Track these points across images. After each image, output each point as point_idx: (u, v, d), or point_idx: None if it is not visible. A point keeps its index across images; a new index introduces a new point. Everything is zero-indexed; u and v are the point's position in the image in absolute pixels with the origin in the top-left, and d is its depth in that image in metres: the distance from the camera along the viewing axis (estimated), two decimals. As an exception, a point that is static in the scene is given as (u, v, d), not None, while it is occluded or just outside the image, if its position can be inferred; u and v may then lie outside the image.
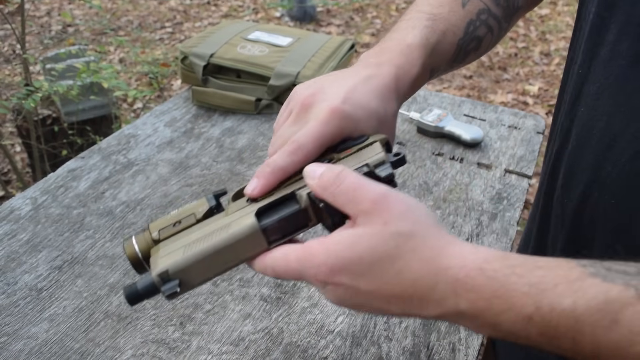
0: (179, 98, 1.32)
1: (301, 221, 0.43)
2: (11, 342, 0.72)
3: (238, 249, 0.41)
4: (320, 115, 0.47)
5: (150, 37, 4.29)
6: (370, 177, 0.41)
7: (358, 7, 4.78)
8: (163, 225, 0.46)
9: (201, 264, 0.41)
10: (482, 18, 0.62)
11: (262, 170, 0.46)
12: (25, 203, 0.96)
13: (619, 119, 0.47)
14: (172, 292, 0.41)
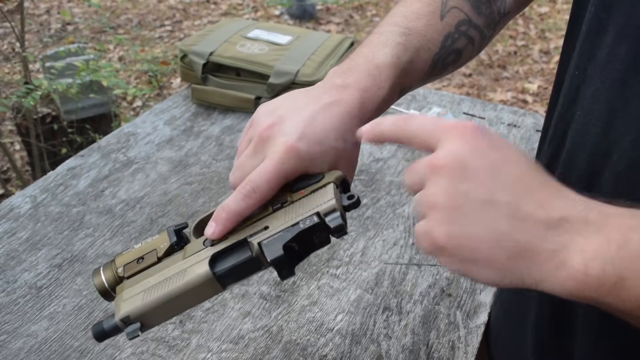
0: (179, 96, 1.32)
1: (253, 267, 0.44)
2: (11, 340, 0.72)
3: (193, 295, 0.44)
4: (276, 153, 0.47)
5: (150, 35, 4.29)
6: (320, 228, 0.42)
7: (357, 5, 4.78)
8: (127, 261, 0.49)
9: (159, 309, 0.44)
10: (462, 29, 0.60)
11: (218, 216, 0.46)
12: (24, 201, 0.96)
13: (617, 126, 0.45)
14: (134, 335, 0.44)
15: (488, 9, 0.63)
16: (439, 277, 0.83)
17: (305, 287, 0.81)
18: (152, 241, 0.50)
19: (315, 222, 0.42)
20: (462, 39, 0.60)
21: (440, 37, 0.58)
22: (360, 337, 0.74)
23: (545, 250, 0.34)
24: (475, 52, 0.64)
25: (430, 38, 0.57)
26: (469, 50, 0.62)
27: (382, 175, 1.05)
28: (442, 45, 0.58)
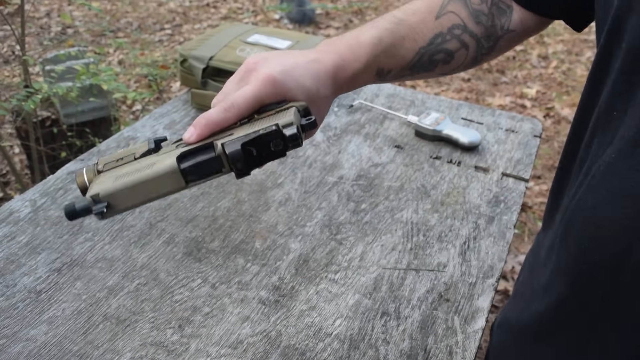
0: (178, 101, 1.32)
1: (215, 166, 0.49)
2: (10, 345, 0.72)
3: (158, 184, 0.48)
4: (257, 80, 0.53)
5: (150, 39, 4.29)
6: (277, 135, 0.47)
7: (357, 10, 4.79)
8: (108, 161, 0.54)
9: (125, 192, 0.48)
10: (455, 33, 0.63)
11: (198, 122, 0.51)
12: (24, 205, 0.96)
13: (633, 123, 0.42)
14: (100, 212, 0.47)
15: (489, 20, 0.65)
16: (437, 282, 0.84)
17: (303, 292, 0.82)
18: (133, 147, 0.55)
19: (273, 130, 0.47)
20: (454, 42, 0.63)
21: (430, 34, 0.62)
22: (358, 342, 0.74)
23: None
24: (470, 59, 0.66)
25: (419, 32, 0.62)
26: (461, 54, 0.64)
27: (380, 181, 1.05)
28: (430, 42, 0.62)
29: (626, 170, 0.44)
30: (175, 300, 0.80)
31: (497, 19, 0.65)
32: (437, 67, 0.64)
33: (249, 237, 0.91)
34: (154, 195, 0.49)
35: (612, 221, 0.46)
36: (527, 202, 2.42)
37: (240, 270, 0.85)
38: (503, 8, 0.66)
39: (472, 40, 0.64)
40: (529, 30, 0.68)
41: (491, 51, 0.67)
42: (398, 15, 0.62)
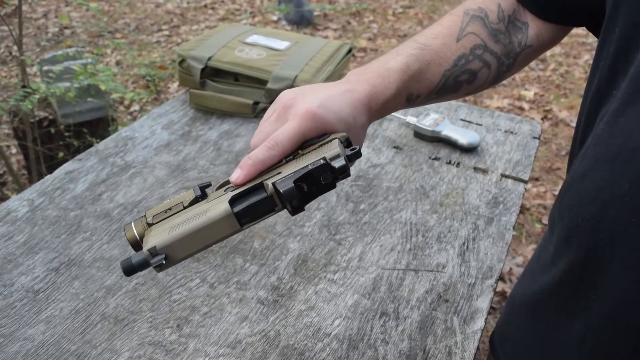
0: (177, 101, 1.32)
1: (268, 206, 0.49)
2: (7, 344, 0.72)
3: (214, 230, 0.48)
4: (297, 115, 0.53)
5: (147, 39, 4.29)
6: (327, 169, 0.47)
7: (355, 12, 4.80)
8: (157, 212, 0.54)
9: (182, 242, 0.48)
10: (477, 53, 0.65)
11: (244, 163, 0.52)
12: (22, 205, 0.96)
13: (637, 135, 0.46)
14: (159, 264, 0.47)
15: (507, 38, 0.67)
16: (435, 283, 0.84)
17: (302, 292, 0.81)
18: (179, 196, 0.56)
19: (322, 164, 0.47)
20: (477, 62, 0.65)
21: (454, 56, 0.64)
22: (357, 342, 0.74)
23: None
24: (492, 77, 0.67)
25: (443, 55, 0.63)
26: (484, 73, 0.66)
27: (379, 181, 1.05)
28: (455, 64, 0.63)
29: (608, 137, 0.49)
30: (173, 300, 0.79)
31: (514, 37, 0.67)
32: (461, 88, 0.65)
33: (247, 237, 0.91)
34: (210, 241, 0.49)
35: (594, 185, 0.51)
36: (525, 204, 2.42)
37: (238, 270, 0.85)
38: (519, 25, 0.68)
39: (493, 59, 0.66)
40: (545, 43, 0.69)
41: (511, 67, 0.68)
42: (421, 40, 0.64)
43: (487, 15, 0.67)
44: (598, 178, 0.50)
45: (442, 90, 0.64)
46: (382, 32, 4.43)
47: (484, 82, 0.67)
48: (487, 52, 0.65)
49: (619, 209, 0.48)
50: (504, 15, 0.67)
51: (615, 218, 0.48)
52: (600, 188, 0.50)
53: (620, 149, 0.48)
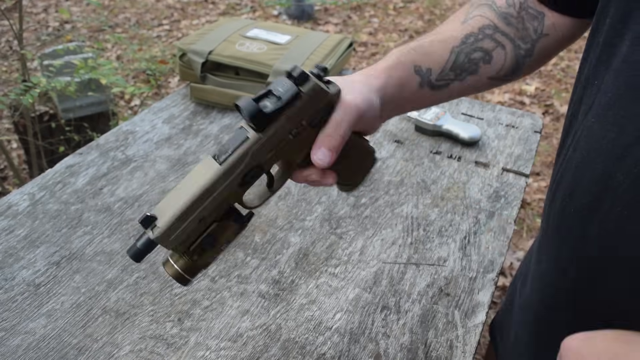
0: (177, 95, 1.32)
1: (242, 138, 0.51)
2: (9, 338, 0.72)
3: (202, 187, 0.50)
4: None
5: (148, 34, 4.28)
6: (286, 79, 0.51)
7: (355, 6, 4.78)
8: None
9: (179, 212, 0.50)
10: (486, 32, 0.65)
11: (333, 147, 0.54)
12: (23, 199, 0.96)
13: (632, 129, 0.47)
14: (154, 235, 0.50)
15: (520, 23, 0.66)
16: (437, 277, 0.84)
17: (303, 286, 0.81)
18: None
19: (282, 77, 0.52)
20: (488, 40, 0.65)
21: (460, 34, 0.64)
22: (358, 336, 0.74)
23: None
24: (511, 61, 0.66)
25: (448, 34, 0.64)
26: (499, 54, 0.65)
27: (380, 175, 1.05)
28: (463, 41, 0.64)
29: (599, 131, 0.50)
30: (174, 294, 0.79)
31: (528, 23, 0.66)
32: (479, 68, 0.65)
33: (248, 230, 0.91)
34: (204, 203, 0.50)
35: (587, 177, 0.51)
36: (526, 199, 2.42)
37: (239, 264, 0.85)
38: (533, 13, 0.67)
39: (507, 40, 0.65)
40: (564, 37, 0.68)
41: (531, 54, 0.67)
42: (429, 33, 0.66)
43: (494, 1, 0.67)
44: (591, 170, 0.51)
45: (457, 68, 0.64)
46: (383, 26, 4.42)
47: (503, 65, 0.66)
48: (498, 33, 0.65)
49: (612, 201, 0.48)
50: (514, 2, 0.66)
51: (608, 210, 0.49)
52: (594, 180, 0.50)
53: (614, 144, 0.48)
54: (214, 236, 0.53)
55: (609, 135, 0.49)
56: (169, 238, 0.50)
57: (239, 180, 0.51)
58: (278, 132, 0.51)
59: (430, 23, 4.46)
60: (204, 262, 0.54)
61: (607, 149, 0.49)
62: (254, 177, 0.52)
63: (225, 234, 0.54)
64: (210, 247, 0.53)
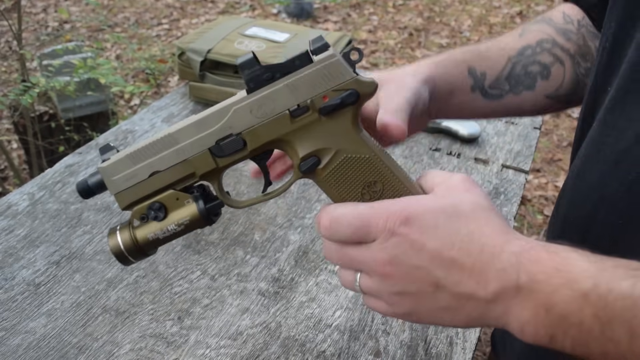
0: (176, 94, 1.32)
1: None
2: (9, 337, 0.72)
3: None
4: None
5: (147, 33, 4.28)
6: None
7: (355, 4, 4.78)
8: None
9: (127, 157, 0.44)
10: (545, 46, 0.62)
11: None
12: (22, 198, 0.96)
13: (629, 135, 0.46)
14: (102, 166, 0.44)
15: (580, 39, 0.64)
16: (437, 274, 0.83)
17: (303, 284, 0.81)
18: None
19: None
20: (546, 54, 0.62)
21: (517, 45, 0.62)
22: (358, 333, 0.74)
23: (491, 317, 0.40)
24: (570, 78, 0.63)
25: (505, 45, 0.62)
26: (558, 70, 0.62)
27: (380, 172, 1.05)
28: (520, 52, 0.62)
29: (599, 136, 0.49)
30: (174, 292, 0.79)
31: (589, 41, 0.64)
32: (536, 83, 0.62)
33: (248, 229, 0.91)
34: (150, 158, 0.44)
35: (587, 185, 0.50)
36: (526, 195, 2.42)
37: (239, 262, 0.85)
38: (594, 32, 0.64)
39: (566, 56, 0.63)
40: None
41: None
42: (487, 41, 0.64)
43: (551, 18, 0.65)
44: (590, 178, 0.50)
45: (512, 79, 0.61)
46: (383, 24, 4.41)
47: (562, 82, 0.63)
48: (557, 47, 0.62)
49: (608, 211, 0.48)
50: (572, 19, 0.64)
51: (604, 220, 0.48)
52: (592, 188, 0.50)
53: (612, 149, 0.47)
54: (164, 206, 0.44)
55: (608, 141, 0.48)
56: (112, 176, 0.43)
57: (212, 144, 0.43)
58: (270, 99, 0.42)
59: (430, 20, 4.45)
60: (144, 237, 0.44)
61: (605, 155, 0.48)
62: (233, 146, 0.43)
63: (178, 211, 0.44)
64: (154, 219, 0.44)
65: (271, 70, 0.42)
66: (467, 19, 4.46)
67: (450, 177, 0.42)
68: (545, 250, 0.37)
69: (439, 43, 4.06)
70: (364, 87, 0.41)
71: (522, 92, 0.61)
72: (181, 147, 0.43)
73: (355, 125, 0.42)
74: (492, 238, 0.38)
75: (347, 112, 0.42)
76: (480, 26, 4.34)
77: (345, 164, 0.43)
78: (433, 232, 0.39)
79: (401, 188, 0.43)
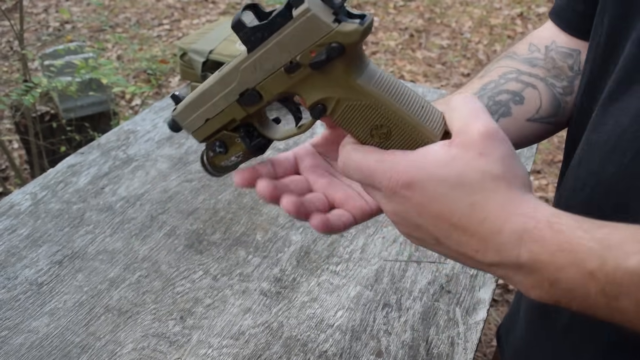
0: (178, 94, 1.32)
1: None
2: (12, 336, 0.72)
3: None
4: None
5: (148, 34, 4.28)
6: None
7: (356, 5, 4.78)
8: None
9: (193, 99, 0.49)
10: (509, 77, 0.61)
11: None
12: (25, 198, 0.96)
13: (624, 120, 0.46)
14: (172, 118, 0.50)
15: (549, 63, 0.63)
16: (438, 274, 0.84)
17: (305, 284, 0.82)
18: None
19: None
20: (513, 83, 0.61)
21: (478, 85, 0.61)
22: (360, 333, 0.74)
23: (495, 274, 0.40)
24: (549, 99, 0.62)
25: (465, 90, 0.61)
26: (531, 93, 0.61)
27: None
28: (482, 88, 0.60)
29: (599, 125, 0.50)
30: (176, 292, 0.80)
31: (560, 62, 0.63)
32: (511, 109, 0.60)
33: (250, 229, 0.91)
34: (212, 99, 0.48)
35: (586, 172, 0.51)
36: (526, 197, 2.42)
37: (241, 262, 0.85)
38: (566, 52, 0.64)
39: (536, 80, 0.62)
40: None
41: (570, 91, 0.63)
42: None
43: (515, 52, 0.64)
44: (589, 165, 0.51)
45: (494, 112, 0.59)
46: (384, 25, 4.42)
47: (540, 105, 0.61)
48: (524, 75, 0.61)
49: (605, 195, 0.48)
50: (537, 47, 0.64)
51: (602, 204, 0.49)
52: (591, 174, 0.50)
53: (609, 135, 0.48)
54: (224, 142, 0.50)
55: (605, 129, 0.49)
56: (183, 122, 0.50)
57: (237, 97, 0.46)
58: (265, 58, 0.43)
59: (431, 22, 4.46)
60: (218, 163, 0.52)
61: (603, 141, 0.49)
62: (252, 99, 0.46)
63: (234, 147, 0.50)
64: (220, 152, 0.50)
65: (260, 30, 0.42)
66: (468, 21, 4.47)
67: (470, 126, 0.39)
68: (549, 228, 0.36)
69: (440, 44, 4.06)
70: (346, 38, 0.40)
71: (499, 120, 0.59)
72: (216, 101, 0.47)
73: (351, 74, 0.42)
74: (495, 211, 0.38)
75: (337, 64, 0.41)
76: (481, 27, 4.34)
77: (348, 110, 0.44)
78: (434, 199, 0.39)
79: (410, 132, 0.43)
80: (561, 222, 0.36)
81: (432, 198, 0.39)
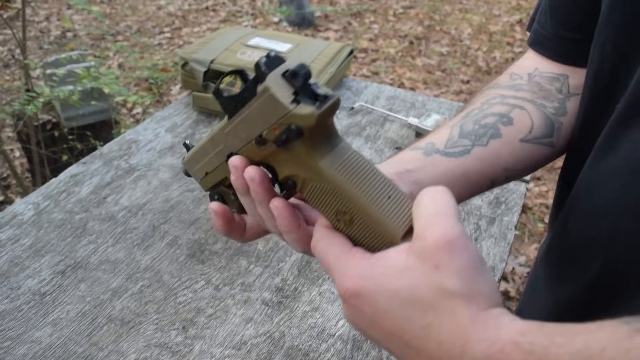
0: (180, 104, 1.33)
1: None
2: (15, 347, 0.73)
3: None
4: None
5: (149, 42, 4.30)
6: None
7: (356, 13, 4.81)
8: None
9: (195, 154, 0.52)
10: (493, 102, 0.59)
11: None
12: (27, 208, 0.97)
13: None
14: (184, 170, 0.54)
15: (535, 87, 0.61)
16: (439, 283, 0.84)
17: (306, 293, 0.82)
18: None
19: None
20: (498, 106, 0.58)
21: (461, 114, 0.59)
22: (361, 343, 0.75)
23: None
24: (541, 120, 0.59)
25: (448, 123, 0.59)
26: (520, 114, 0.58)
27: (382, 182, 1.05)
28: (464, 116, 0.58)
29: (610, 150, 0.49)
30: (179, 302, 0.80)
31: (547, 85, 0.61)
32: (500, 130, 0.57)
33: (251, 239, 0.91)
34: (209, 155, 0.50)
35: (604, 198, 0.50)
36: (527, 204, 2.43)
37: (243, 271, 0.85)
38: (552, 77, 0.62)
39: (525, 102, 0.59)
40: None
41: (563, 112, 0.60)
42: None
43: (496, 83, 0.63)
44: (607, 191, 0.48)
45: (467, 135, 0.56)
46: (383, 32, 4.44)
47: (532, 125, 0.58)
48: (510, 98, 0.59)
49: (632, 221, 0.46)
50: (520, 75, 0.63)
51: (631, 231, 0.47)
52: (611, 201, 0.48)
53: (628, 159, 0.46)
54: (222, 196, 0.52)
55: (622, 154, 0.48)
56: (191, 170, 0.53)
57: (225, 158, 0.46)
58: (239, 128, 0.43)
59: (430, 29, 4.48)
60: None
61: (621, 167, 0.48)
62: None
63: (230, 203, 0.51)
64: (219, 201, 0.52)
65: (233, 101, 0.42)
66: (467, 28, 4.49)
67: (428, 231, 0.35)
68: (517, 349, 0.32)
69: (440, 51, 4.08)
70: (302, 121, 0.38)
71: (490, 142, 0.56)
72: (211, 158, 0.49)
73: (313, 155, 0.40)
74: (452, 335, 0.34)
75: (299, 145, 0.40)
76: (480, 34, 4.36)
77: (313, 191, 0.42)
78: (385, 315, 0.36)
79: (371, 224, 0.40)
80: (530, 340, 0.32)
81: (383, 313, 0.36)
